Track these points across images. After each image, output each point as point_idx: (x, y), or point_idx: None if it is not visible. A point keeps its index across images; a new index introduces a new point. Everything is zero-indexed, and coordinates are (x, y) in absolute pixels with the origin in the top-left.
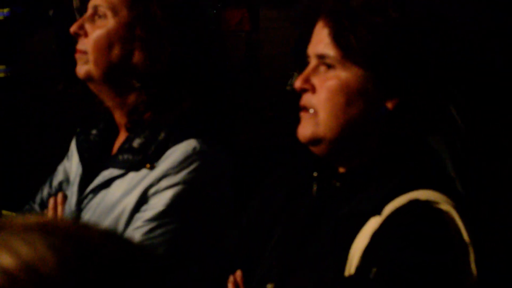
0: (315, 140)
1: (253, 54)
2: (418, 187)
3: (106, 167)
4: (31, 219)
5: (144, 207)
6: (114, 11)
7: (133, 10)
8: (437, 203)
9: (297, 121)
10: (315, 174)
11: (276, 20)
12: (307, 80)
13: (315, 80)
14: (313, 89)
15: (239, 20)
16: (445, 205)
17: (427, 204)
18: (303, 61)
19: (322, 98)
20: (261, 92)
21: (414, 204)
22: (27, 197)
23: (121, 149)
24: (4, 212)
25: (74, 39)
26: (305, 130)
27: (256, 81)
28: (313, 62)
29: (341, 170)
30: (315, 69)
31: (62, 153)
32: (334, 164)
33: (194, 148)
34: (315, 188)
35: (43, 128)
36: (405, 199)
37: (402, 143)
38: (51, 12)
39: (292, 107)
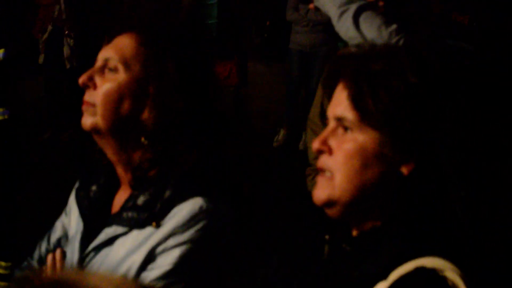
0: (330, 203)
1: (241, 109)
2: (425, 254)
3: (109, 224)
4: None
5: (151, 266)
6: (127, 65)
7: (147, 67)
8: (443, 271)
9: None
10: (327, 237)
11: (264, 74)
12: (324, 142)
13: (332, 143)
14: (330, 151)
15: (227, 74)
16: (451, 273)
17: (433, 272)
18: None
19: (338, 161)
20: (249, 146)
21: (420, 271)
22: (18, 246)
23: (125, 207)
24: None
25: (62, 88)
26: (321, 192)
27: (244, 136)
28: (331, 124)
29: (354, 232)
30: (333, 131)
31: (50, 202)
32: (347, 226)
33: (201, 207)
34: (326, 250)
35: (32, 175)
36: (412, 265)
37: (414, 209)
38: (41, 59)
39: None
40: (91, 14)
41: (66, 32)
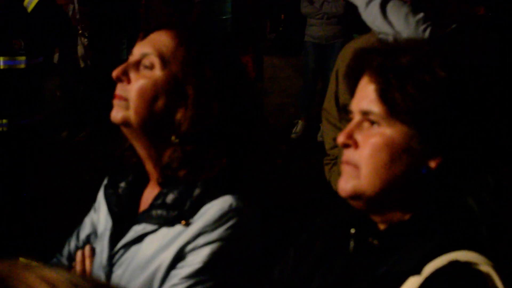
0: (356, 195)
1: (258, 103)
2: (457, 248)
3: (138, 222)
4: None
5: (180, 264)
6: (164, 63)
7: (184, 66)
8: (477, 264)
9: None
10: (352, 230)
11: (280, 68)
12: (350, 136)
13: (358, 136)
14: (356, 145)
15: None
16: (485, 267)
17: (468, 266)
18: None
19: (365, 155)
20: (267, 140)
21: (454, 265)
22: (44, 244)
23: (154, 205)
24: (22, 259)
25: (77, 88)
26: (346, 184)
27: (262, 130)
28: (356, 117)
29: (381, 227)
30: (359, 125)
31: (72, 202)
32: (373, 221)
33: (230, 205)
34: (352, 245)
35: (50, 175)
36: (445, 259)
37: (442, 203)
38: (55, 59)
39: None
40: (104, 13)
41: (80, 31)
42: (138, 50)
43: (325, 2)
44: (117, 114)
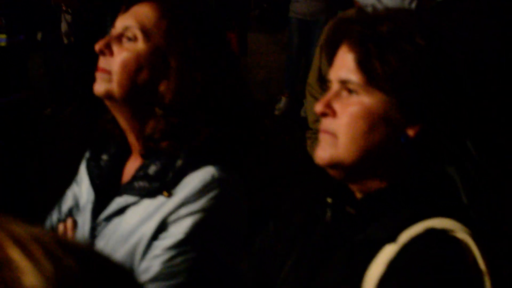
0: (333, 164)
1: (242, 76)
2: (434, 215)
3: (120, 194)
4: (26, 228)
5: (163, 235)
6: (147, 35)
7: (167, 37)
8: (453, 231)
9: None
10: (329, 200)
11: (264, 44)
12: (328, 105)
13: (336, 105)
14: (334, 114)
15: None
16: (462, 234)
17: (444, 233)
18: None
19: (343, 123)
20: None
21: (430, 232)
22: (30, 217)
23: (136, 176)
24: None
25: (61, 64)
26: (324, 152)
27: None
28: (335, 86)
29: (358, 196)
30: (337, 94)
31: (57, 177)
32: (351, 189)
33: (213, 176)
34: (329, 214)
35: (35, 151)
36: (421, 227)
37: (420, 171)
38: (39, 36)
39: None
40: None
41: (64, 8)
42: (120, 23)
43: None
44: (100, 87)
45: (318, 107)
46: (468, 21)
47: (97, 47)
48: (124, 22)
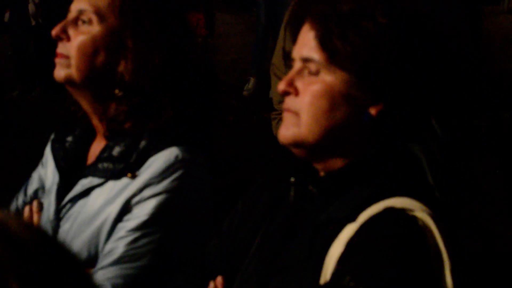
0: (296, 142)
1: (209, 59)
2: (394, 195)
3: (84, 176)
4: None
5: (127, 217)
6: (101, 17)
7: (122, 18)
8: (412, 210)
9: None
10: (292, 179)
11: (232, 25)
12: (290, 84)
13: (299, 84)
14: (296, 92)
15: (195, 25)
16: (421, 213)
17: (402, 212)
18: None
19: (305, 102)
20: (219, 96)
21: (389, 211)
22: None
23: (101, 158)
24: None
25: (30, 45)
26: (287, 131)
27: (214, 86)
28: (297, 65)
29: (322, 174)
30: (299, 73)
31: (24, 160)
32: (314, 168)
33: (176, 156)
34: (292, 193)
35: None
36: (381, 206)
37: (382, 150)
38: (6, 17)
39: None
40: None
41: None
42: (75, 6)
43: None
44: (59, 73)
45: (281, 86)
46: None
47: (54, 32)
48: (78, 5)
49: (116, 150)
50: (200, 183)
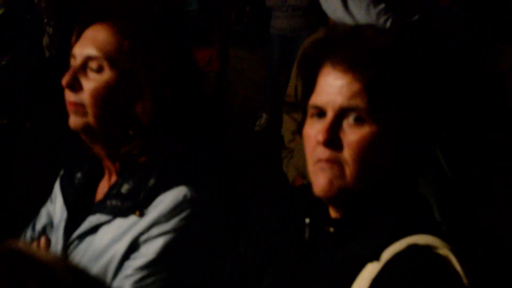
0: (341, 194)
1: (222, 94)
2: (414, 232)
3: (92, 213)
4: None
5: (134, 255)
6: (112, 62)
7: (133, 60)
8: (435, 248)
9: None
10: (307, 220)
11: (245, 60)
12: (331, 134)
13: (339, 134)
14: (339, 144)
15: (208, 60)
16: (444, 250)
17: (426, 249)
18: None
19: (351, 154)
20: (231, 132)
21: (413, 249)
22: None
23: (109, 195)
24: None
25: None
26: (331, 185)
27: (226, 121)
28: (332, 114)
29: (333, 215)
30: (338, 122)
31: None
32: (328, 209)
33: (185, 196)
34: (307, 233)
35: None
36: (403, 244)
37: (395, 189)
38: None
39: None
40: (69, 2)
41: (46, 20)
42: (80, 51)
43: None
44: (76, 122)
45: (321, 137)
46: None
47: (65, 82)
48: (84, 51)
49: (124, 188)
50: (208, 221)
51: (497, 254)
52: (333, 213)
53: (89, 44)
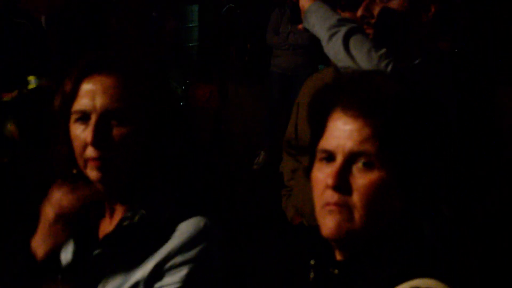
0: (350, 238)
1: (221, 131)
2: (417, 275)
3: (103, 247)
4: None
5: (158, 284)
6: (128, 120)
7: (143, 114)
8: None
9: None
10: (312, 262)
11: (245, 97)
12: (341, 178)
13: (349, 178)
14: (347, 188)
15: (208, 96)
16: None
17: None
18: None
19: (360, 198)
20: (229, 169)
21: None
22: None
23: (120, 226)
24: None
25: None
26: (340, 228)
27: (225, 158)
28: (340, 158)
29: (339, 257)
30: (347, 166)
31: None
32: (330, 248)
33: (205, 225)
34: (312, 275)
35: None
36: (407, 287)
37: (401, 232)
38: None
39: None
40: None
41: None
42: (99, 105)
43: (291, 33)
44: (104, 177)
45: (330, 181)
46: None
47: (88, 140)
48: (105, 104)
49: (136, 218)
50: (222, 249)
51: (497, 254)
52: (338, 255)
53: (108, 97)
